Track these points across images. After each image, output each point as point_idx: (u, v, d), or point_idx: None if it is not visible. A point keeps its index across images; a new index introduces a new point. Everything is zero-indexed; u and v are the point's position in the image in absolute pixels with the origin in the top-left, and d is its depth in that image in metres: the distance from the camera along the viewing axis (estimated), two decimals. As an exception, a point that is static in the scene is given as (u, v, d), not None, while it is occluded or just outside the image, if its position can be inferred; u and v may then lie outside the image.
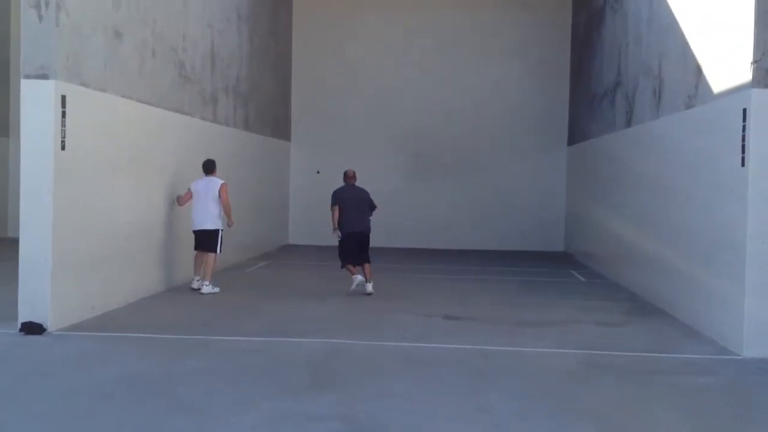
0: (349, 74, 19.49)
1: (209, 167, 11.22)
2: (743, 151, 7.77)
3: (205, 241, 11.04)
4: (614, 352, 7.91)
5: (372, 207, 11.47)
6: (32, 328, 8.00)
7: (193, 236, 11.18)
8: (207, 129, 12.86)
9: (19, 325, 8.04)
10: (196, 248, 11.18)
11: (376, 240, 18.64)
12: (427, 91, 19.33)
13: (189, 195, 11.08)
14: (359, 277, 11.22)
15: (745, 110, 7.76)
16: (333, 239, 11.66)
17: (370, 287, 11.12)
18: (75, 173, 8.45)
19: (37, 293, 8.07)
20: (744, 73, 7.84)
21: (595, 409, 5.95)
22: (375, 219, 11.66)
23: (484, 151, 19.23)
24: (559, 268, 15.42)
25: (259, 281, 12.69)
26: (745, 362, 7.51)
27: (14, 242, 8.54)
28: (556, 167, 19.10)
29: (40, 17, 7.99)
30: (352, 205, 11.23)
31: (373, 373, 6.91)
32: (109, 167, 9.30)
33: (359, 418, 5.62)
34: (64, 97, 8.16)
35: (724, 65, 8.42)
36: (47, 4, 7.97)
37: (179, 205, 11.15)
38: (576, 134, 17.85)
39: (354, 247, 11.22)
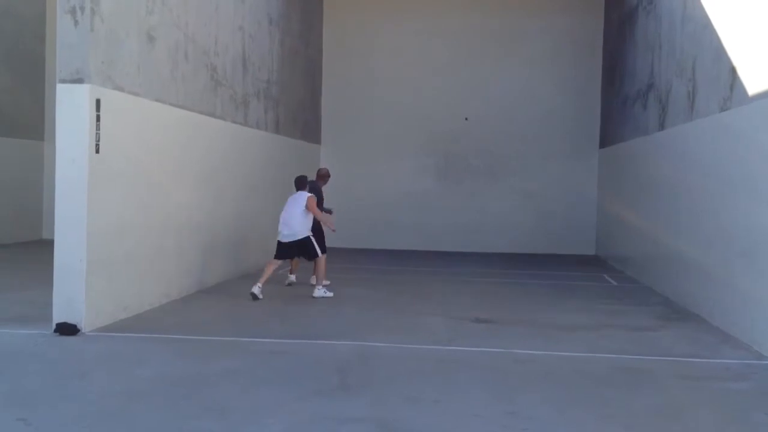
0: (378, 78, 19.51)
1: (301, 184, 11.26)
2: (779, 154, 7.66)
3: (302, 251, 11.11)
4: (647, 356, 7.83)
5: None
6: (66, 329, 8.11)
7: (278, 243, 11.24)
8: (238, 132, 12.95)
9: (54, 326, 8.16)
10: (279, 258, 11.16)
11: (405, 242, 18.68)
12: (457, 95, 19.28)
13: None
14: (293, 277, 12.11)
15: (781, 112, 7.64)
16: (364, 242, 11.72)
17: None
18: (109, 176, 8.56)
19: (72, 294, 8.18)
20: (780, 75, 7.73)
21: (627, 415, 5.89)
22: (404, 221, 11.65)
23: (514, 154, 19.14)
24: (590, 271, 15.30)
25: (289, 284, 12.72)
26: (781, 368, 7.40)
27: (50, 244, 8.67)
28: (587, 170, 18.96)
29: (76, 23, 8.10)
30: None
31: (403, 375, 6.90)
32: (143, 170, 9.41)
33: (389, 421, 5.61)
34: (98, 101, 8.27)
35: (760, 67, 8.30)
36: (83, 10, 8.08)
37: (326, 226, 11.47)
38: (608, 137, 17.71)
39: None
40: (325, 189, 12.49)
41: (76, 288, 8.18)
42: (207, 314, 9.66)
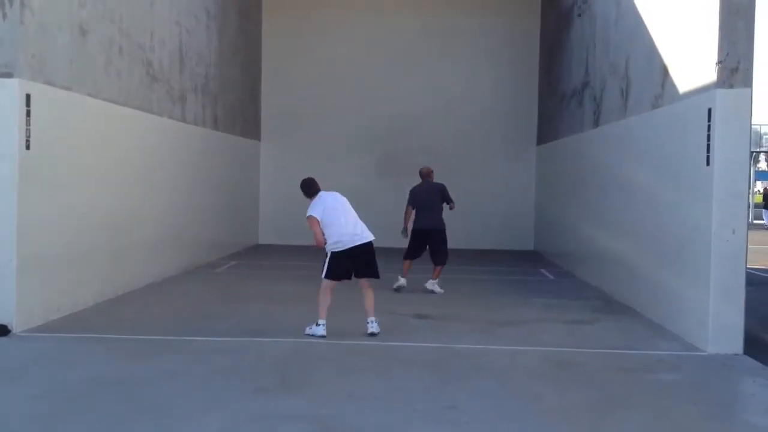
0: (319, 74, 19.43)
1: (315, 185, 8.74)
2: (708, 151, 7.88)
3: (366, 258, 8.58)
4: (583, 349, 7.98)
5: (446, 200, 11.67)
6: (-3, 330, 7.90)
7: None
8: (176, 128, 12.76)
9: (-17, 327, 7.93)
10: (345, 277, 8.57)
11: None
12: (399, 93, 19.31)
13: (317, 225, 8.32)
14: (402, 280, 11.49)
15: (710, 110, 7.86)
16: (302, 239, 11.68)
17: (433, 286, 11.43)
18: (40, 173, 8.34)
19: (2, 294, 7.96)
20: (709, 74, 7.95)
21: (563, 407, 6.00)
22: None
23: (454, 152, 19.24)
24: (528, 266, 15.52)
25: (229, 281, 12.61)
26: (711, 358, 7.61)
27: (-22, 243, 8.40)
28: (525, 167, 19.23)
29: (4, 15, 7.88)
30: (424, 203, 11.60)
31: (343, 372, 6.90)
32: (75, 167, 9.19)
33: (329, 418, 5.60)
34: (28, 96, 8.05)
35: (690, 66, 8.52)
36: (11, 2, 7.86)
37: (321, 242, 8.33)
38: (545, 134, 17.98)
39: (421, 244, 11.59)
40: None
41: (6, 287, 7.97)
42: (142, 313, 9.49)
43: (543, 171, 18.25)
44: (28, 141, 8.06)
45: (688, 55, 8.61)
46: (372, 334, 8.33)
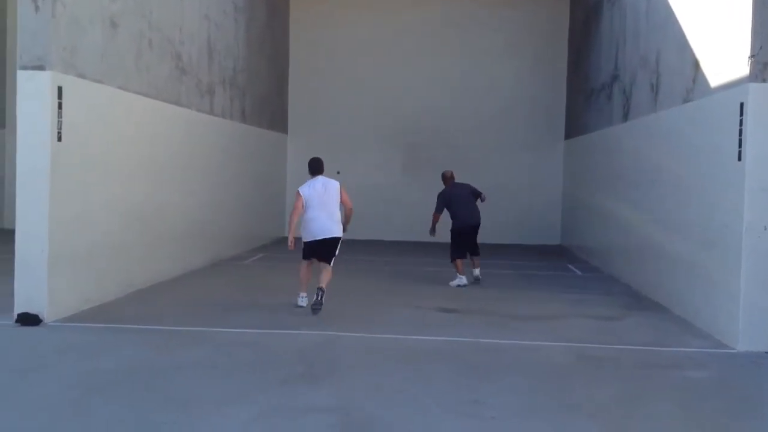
0: (345, 68, 19.46)
1: (319, 167, 9.40)
2: (740, 145, 7.77)
3: (328, 249, 9.31)
4: (610, 345, 7.92)
5: (478, 195, 12.22)
6: (28, 320, 8.01)
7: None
8: (204, 121, 12.84)
9: (15, 316, 8.05)
10: (308, 257, 9.48)
11: (371, 234, 18.67)
12: (424, 87, 19.30)
13: (300, 202, 9.20)
14: (463, 278, 11.74)
15: (742, 104, 7.75)
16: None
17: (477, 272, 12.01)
18: (71, 165, 8.44)
19: (34, 284, 8.07)
20: (741, 67, 7.84)
21: (589, 403, 5.96)
22: (369, 212, 11.67)
23: (480, 146, 19.21)
24: (555, 261, 15.44)
25: (255, 274, 12.68)
26: (740, 356, 7.53)
27: (11, 234, 8.53)
28: (553, 161, 19.11)
29: (37, 8, 7.96)
30: (462, 201, 11.99)
31: (368, 365, 6.91)
32: (106, 159, 9.29)
33: (353, 410, 5.62)
34: (60, 89, 8.14)
35: (722, 59, 8.41)
36: (43, -5, 7.95)
37: (293, 219, 9.23)
38: (573, 128, 17.85)
39: (467, 240, 11.97)
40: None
41: (38, 278, 8.07)
42: (171, 305, 9.58)
43: (570, 165, 18.12)
44: (59, 133, 8.15)
45: (720, 48, 8.49)
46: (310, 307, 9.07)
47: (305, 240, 9.39)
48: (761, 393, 6.70)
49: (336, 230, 9.30)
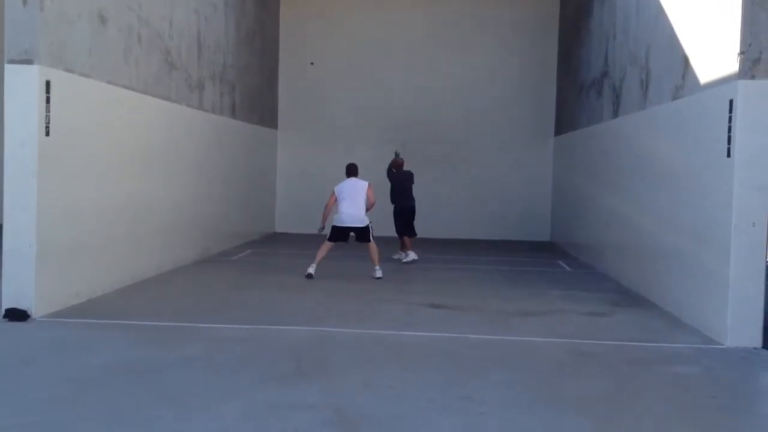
0: (336, 64, 19.43)
1: (353, 170, 12.19)
2: (729, 142, 7.81)
3: (360, 233, 11.91)
4: (600, 341, 7.95)
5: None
6: (16, 315, 7.97)
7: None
8: (193, 116, 12.79)
9: (3, 312, 8.01)
10: (333, 240, 11.91)
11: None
12: (415, 83, 19.30)
13: (333, 198, 11.89)
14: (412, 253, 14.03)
15: (731, 101, 7.79)
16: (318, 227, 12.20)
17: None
18: (59, 159, 8.40)
19: (22, 280, 8.03)
20: (731, 65, 7.87)
21: (579, 399, 5.98)
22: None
23: (471, 142, 19.24)
24: (545, 257, 15.47)
25: (245, 269, 12.66)
26: (729, 351, 7.57)
27: (-2, 229, 8.49)
28: (542, 157, 19.14)
29: (25, 2, 7.91)
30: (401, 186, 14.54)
31: (358, 361, 6.91)
32: (94, 153, 9.24)
33: (344, 407, 5.61)
34: (48, 83, 8.10)
35: (711, 56, 8.44)
36: (31, -11, 7.89)
37: (325, 210, 12.00)
38: (563, 125, 17.88)
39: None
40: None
41: (26, 273, 8.03)
42: (160, 300, 9.55)
43: (560, 161, 18.16)
44: (47, 127, 8.10)
45: (710, 45, 8.52)
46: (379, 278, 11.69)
47: (335, 224, 11.83)
48: (750, 388, 6.74)
49: (361, 220, 11.83)
